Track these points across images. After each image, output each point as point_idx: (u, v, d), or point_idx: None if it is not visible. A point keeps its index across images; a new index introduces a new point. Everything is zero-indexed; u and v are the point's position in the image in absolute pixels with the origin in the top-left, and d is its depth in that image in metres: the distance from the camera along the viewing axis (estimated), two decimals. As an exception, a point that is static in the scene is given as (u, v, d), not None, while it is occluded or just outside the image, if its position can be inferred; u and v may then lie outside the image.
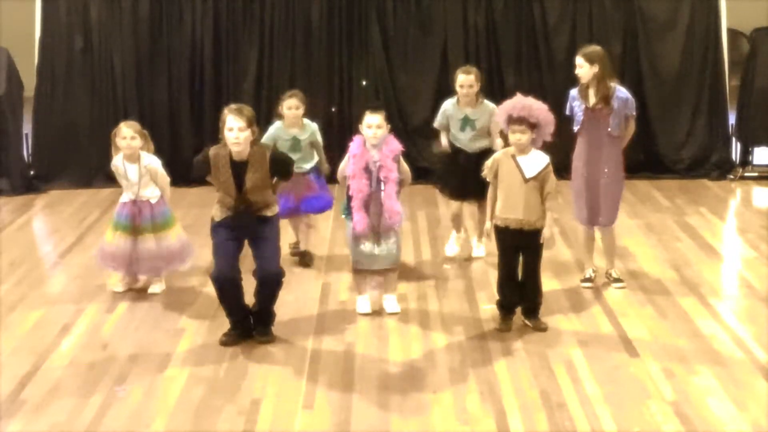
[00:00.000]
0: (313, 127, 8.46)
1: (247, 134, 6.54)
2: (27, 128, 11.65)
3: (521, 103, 6.91)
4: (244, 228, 6.77)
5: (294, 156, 7.70)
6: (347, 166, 7.21)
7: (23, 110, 11.59)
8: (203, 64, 11.63)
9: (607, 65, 7.65)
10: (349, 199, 7.21)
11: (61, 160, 11.63)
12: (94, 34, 11.63)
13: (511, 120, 6.89)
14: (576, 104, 7.72)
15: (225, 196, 6.74)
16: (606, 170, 7.73)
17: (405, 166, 7.26)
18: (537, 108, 6.89)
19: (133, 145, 7.65)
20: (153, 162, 7.75)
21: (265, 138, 8.05)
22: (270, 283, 6.83)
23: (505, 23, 11.71)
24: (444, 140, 8.65)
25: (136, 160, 7.68)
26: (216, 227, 6.82)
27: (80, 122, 11.64)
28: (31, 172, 11.62)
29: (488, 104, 8.39)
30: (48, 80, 11.65)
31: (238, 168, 6.63)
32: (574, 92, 7.76)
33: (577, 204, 7.92)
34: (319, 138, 8.48)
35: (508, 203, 6.93)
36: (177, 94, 11.68)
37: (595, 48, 7.75)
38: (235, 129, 6.51)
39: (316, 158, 8.50)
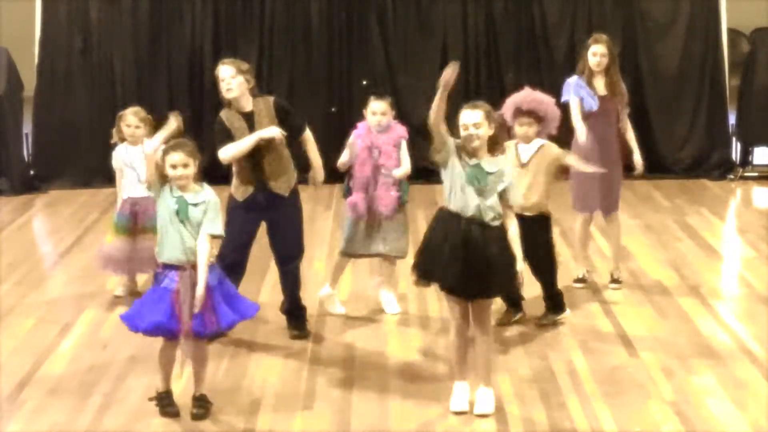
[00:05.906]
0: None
1: (239, 80, 6.58)
2: (27, 128, 11.64)
3: (531, 96, 6.93)
4: (263, 210, 6.70)
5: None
6: (354, 144, 7.19)
7: (23, 110, 11.59)
8: (203, 64, 11.62)
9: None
10: (350, 178, 7.22)
11: (61, 160, 11.62)
12: (94, 34, 11.63)
13: (520, 112, 6.89)
14: (585, 93, 7.61)
15: (242, 168, 6.66)
16: (614, 157, 7.69)
17: (405, 155, 7.20)
18: (546, 102, 6.93)
19: (137, 133, 7.66)
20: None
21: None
22: (290, 270, 6.85)
23: (505, 23, 11.71)
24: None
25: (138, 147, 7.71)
26: (234, 209, 6.73)
27: (80, 122, 11.63)
28: (31, 172, 11.61)
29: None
30: (48, 80, 11.65)
31: (249, 118, 6.64)
32: (579, 81, 7.63)
33: (585, 193, 7.71)
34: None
35: None
36: (177, 94, 11.67)
37: (607, 37, 7.74)
38: (227, 78, 6.57)
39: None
